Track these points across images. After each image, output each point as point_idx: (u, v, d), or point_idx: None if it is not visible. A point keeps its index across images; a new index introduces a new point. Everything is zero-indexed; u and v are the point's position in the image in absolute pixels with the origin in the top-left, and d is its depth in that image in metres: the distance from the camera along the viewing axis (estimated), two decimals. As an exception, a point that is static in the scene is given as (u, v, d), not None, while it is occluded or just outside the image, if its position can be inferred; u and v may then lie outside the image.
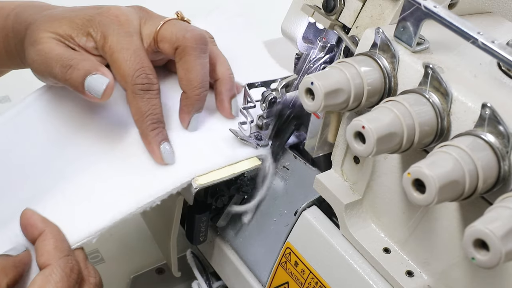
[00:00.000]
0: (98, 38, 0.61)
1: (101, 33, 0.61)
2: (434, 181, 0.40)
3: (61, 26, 0.62)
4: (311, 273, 0.59)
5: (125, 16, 0.63)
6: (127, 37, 0.61)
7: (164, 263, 0.79)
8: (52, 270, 0.52)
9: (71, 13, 0.63)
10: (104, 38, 0.61)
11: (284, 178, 0.66)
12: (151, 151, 0.62)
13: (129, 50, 0.61)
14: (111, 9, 0.63)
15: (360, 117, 0.44)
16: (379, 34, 0.50)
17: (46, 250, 0.54)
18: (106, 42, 0.61)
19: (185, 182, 0.62)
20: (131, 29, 0.62)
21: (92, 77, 0.59)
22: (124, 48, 0.61)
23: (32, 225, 0.56)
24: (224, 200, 0.68)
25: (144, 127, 0.62)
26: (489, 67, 0.49)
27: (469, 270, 0.48)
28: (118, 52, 0.60)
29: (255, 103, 0.65)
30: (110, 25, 0.61)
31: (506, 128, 0.42)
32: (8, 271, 0.53)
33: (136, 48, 0.61)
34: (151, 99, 0.61)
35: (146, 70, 0.61)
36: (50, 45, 0.61)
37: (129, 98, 0.61)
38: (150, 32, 0.63)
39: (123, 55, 0.60)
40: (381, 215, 0.55)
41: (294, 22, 0.64)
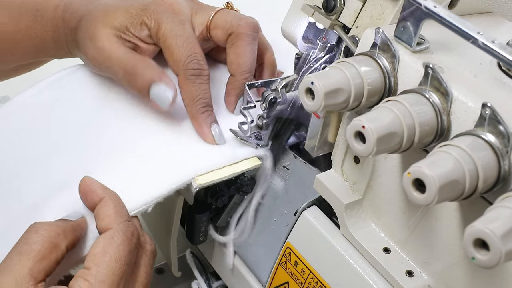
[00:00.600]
0: (152, 25, 0.64)
1: (155, 21, 0.64)
2: (434, 181, 0.40)
3: (117, 18, 0.64)
4: (311, 273, 0.59)
5: (178, 5, 0.66)
6: (180, 25, 0.64)
7: (164, 263, 0.79)
8: (114, 233, 0.54)
9: (125, 3, 0.66)
10: (158, 25, 0.64)
11: (284, 178, 0.66)
12: (201, 133, 0.65)
13: (182, 36, 0.63)
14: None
15: (360, 116, 0.44)
16: (379, 34, 0.50)
17: (107, 215, 0.55)
18: (160, 29, 0.64)
19: (185, 182, 0.62)
20: (184, 17, 0.65)
21: (158, 87, 0.63)
22: (178, 34, 0.63)
23: (93, 191, 0.57)
24: (224, 200, 0.68)
25: (194, 110, 0.64)
26: (489, 67, 0.49)
27: (469, 270, 0.48)
28: (171, 38, 0.63)
29: (255, 103, 0.65)
30: (164, 13, 0.64)
31: (506, 127, 0.42)
32: (68, 234, 0.54)
33: (188, 35, 0.64)
34: (202, 84, 0.64)
35: (198, 56, 0.63)
36: (110, 45, 0.64)
37: (181, 82, 0.64)
38: (202, 21, 0.67)
39: (176, 41, 0.63)
40: (381, 215, 0.55)
41: (294, 22, 0.64)
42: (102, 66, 0.65)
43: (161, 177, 0.62)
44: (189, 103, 0.64)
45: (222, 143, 0.65)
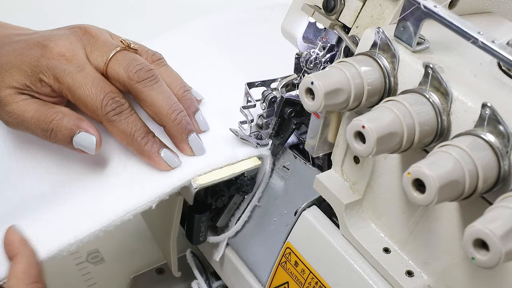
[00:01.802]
0: (52, 82, 0.61)
1: (53, 77, 0.61)
2: (434, 181, 0.40)
3: (13, 77, 0.61)
4: (311, 273, 0.59)
5: (70, 51, 0.61)
6: (80, 72, 0.61)
7: (164, 263, 0.79)
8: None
9: (16, 59, 0.61)
10: (58, 81, 0.61)
11: (284, 178, 0.66)
12: (154, 164, 0.62)
13: (87, 84, 0.60)
14: (53, 49, 0.61)
15: (360, 116, 0.44)
16: (379, 34, 0.50)
17: (14, 275, 0.54)
18: (62, 84, 0.60)
19: (185, 182, 0.62)
20: (80, 62, 0.61)
21: (79, 136, 0.60)
22: (82, 84, 0.60)
23: (10, 245, 0.56)
24: (224, 200, 0.68)
25: (136, 146, 0.62)
26: (489, 67, 0.49)
27: (469, 270, 0.48)
28: (77, 90, 0.60)
29: (255, 103, 0.65)
30: (58, 67, 0.61)
31: (506, 127, 0.42)
32: None
33: (92, 79, 0.61)
34: (128, 118, 0.61)
35: (111, 95, 0.61)
36: (18, 106, 0.61)
37: (108, 128, 0.61)
38: (98, 64, 0.63)
39: (83, 91, 0.60)
40: (381, 215, 0.55)
41: (294, 22, 0.64)
42: (18, 128, 0.62)
43: (161, 177, 0.62)
44: (128, 142, 0.62)
45: (178, 165, 0.62)
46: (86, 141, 0.60)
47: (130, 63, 0.62)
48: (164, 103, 0.62)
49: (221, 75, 0.75)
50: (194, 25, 0.83)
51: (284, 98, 0.63)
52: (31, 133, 0.62)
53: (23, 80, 0.61)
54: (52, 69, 0.60)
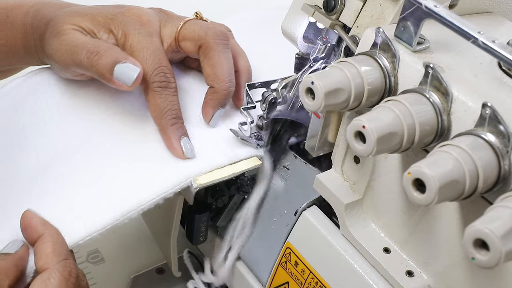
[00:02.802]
0: (119, 36, 0.63)
1: (123, 32, 0.63)
2: (434, 180, 0.40)
3: (84, 21, 0.64)
4: (311, 273, 0.59)
5: (147, 16, 0.65)
6: (148, 37, 0.63)
7: (164, 263, 0.79)
8: (50, 273, 0.52)
9: (93, 10, 0.65)
10: (125, 36, 0.63)
11: (284, 178, 0.66)
12: (170, 147, 0.63)
13: (149, 49, 0.63)
14: (133, 9, 0.65)
15: (361, 116, 0.44)
16: (380, 34, 0.50)
17: (44, 254, 0.54)
18: (127, 40, 0.63)
19: (186, 182, 0.62)
20: (152, 29, 0.64)
21: (123, 65, 0.61)
22: (145, 47, 0.62)
23: (32, 227, 0.56)
24: (224, 200, 0.68)
25: (163, 123, 0.63)
26: (489, 67, 0.49)
27: (469, 270, 0.48)
28: (138, 51, 0.62)
29: (255, 104, 0.65)
30: (132, 24, 0.63)
31: (506, 127, 0.42)
32: (9, 271, 0.52)
33: (155, 48, 0.63)
34: (169, 96, 0.63)
35: (164, 69, 0.63)
36: (75, 35, 0.63)
37: (148, 95, 0.63)
38: (170, 32, 0.66)
39: (143, 54, 0.62)
40: (381, 215, 0.55)
41: (294, 22, 0.64)
42: (65, 55, 0.63)
43: (161, 177, 0.62)
44: (157, 115, 0.63)
45: (191, 157, 0.63)
46: (130, 69, 0.61)
47: (207, 25, 0.66)
48: (225, 70, 0.65)
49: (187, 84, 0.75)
50: None
51: (270, 119, 0.64)
52: (73, 61, 0.62)
53: (91, 26, 0.64)
54: (125, 25, 0.63)
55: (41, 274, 0.53)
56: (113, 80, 0.61)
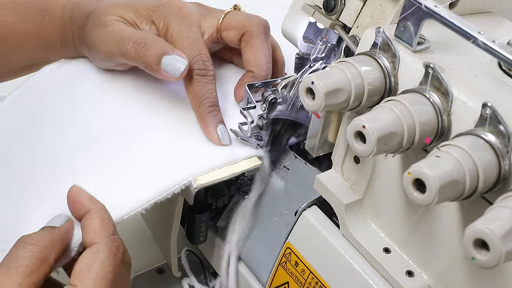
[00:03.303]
0: (161, 27, 0.65)
1: (164, 23, 0.65)
2: (434, 181, 0.40)
3: (126, 12, 0.65)
4: (311, 273, 0.59)
5: (187, 8, 0.67)
6: (188, 27, 0.65)
7: (164, 263, 0.79)
8: (99, 248, 0.53)
9: (135, 2, 0.67)
10: (166, 27, 0.65)
11: (284, 178, 0.66)
12: (207, 133, 0.65)
13: (189, 38, 0.64)
14: (174, 1, 0.67)
15: (361, 116, 0.44)
16: (380, 34, 0.50)
17: (92, 229, 0.54)
18: (168, 30, 0.65)
19: (185, 182, 0.62)
20: (192, 20, 0.66)
21: (170, 57, 0.62)
22: (185, 36, 0.64)
23: (79, 202, 0.57)
24: (224, 200, 0.68)
25: (201, 110, 0.64)
26: (489, 67, 0.49)
27: (469, 270, 0.48)
28: (178, 40, 0.64)
29: (255, 104, 0.65)
30: (173, 16, 0.65)
31: (506, 127, 0.42)
32: (56, 244, 0.53)
33: (195, 37, 0.65)
34: (208, 84, 0.64)
35: (203, 57, 0.64)
36: (119, 26, 0.65)
37: (187, 83, 0.64)
38: (211, 24, 0.68)
39: (183, 42, 0.64)
40: (381, 215, 0.55)
41: (294, 22, 0.64)
42: (110, 45, 0.64)
43: (161, 177, 0.62)
44: (195, 103, 0.65)
45: (227, 144, 0.65)
46: (177, 61, 0.62)
47: (250, 15, 0.69)
48: (266, 57, 0.67)
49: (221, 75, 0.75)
50: None
51: (270, 119, 0.64)
52: (119, 51, 0.64)
53: (134, 18, 0.65)
54: (167, 16, 0.65)
55: (90, 248, 0.53)
56: (160, 71, 0.62)
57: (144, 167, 0.63)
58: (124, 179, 0.62)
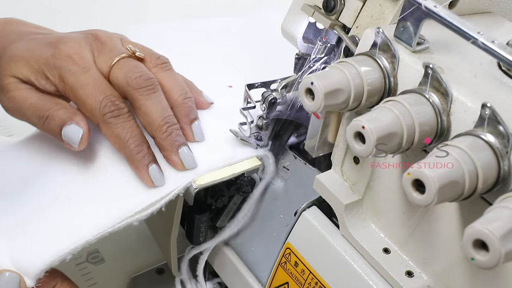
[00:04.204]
0: (57, 81, 0.62)
1: (58, 76, 0.62)
2: (434, 181, 0.40)
3: (19, 69, 0.62)
4: (311, 273, 0.59)
5: (78, 54, 0.63)
6: (84, 74, 0.61)
7: (164, 263, 0.79)
8: None
9: (27, 53, 0.63)
10: (62, 80, 0.61)
11: (284, 178, 0.66)
12: (139, 175, 0.61)
13: (89, 85, 0.61)
14: (64, 50, 0.62)
15: (360, 117, 0.44)
16: (379, 34, 0.50)
17: None
18: (66, 83, 0.61)
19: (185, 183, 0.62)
20: (86, 64, 0.62)
21: (68, 128, 0.60)
22: (84, 84, 0.61)
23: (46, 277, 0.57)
24: (224, 200, 0.68)
25: (128, 153, 0.61)
26: (489, 67, 0.49)
27: (469, 271, 0.48)
28: (78, 90, 0.61)
29: (255, 104, 0.65)
30: (65, 67, 0.61)
31: (506, 128, 0.42)
32: None
33: (95, 81, 0.61)
34: (125, 123, 0.61)
35: (111, 98, 0.61)
36: (20, 92, 0.62)
37: (104, 129, 0.61)
38: (103, 69, 0.63)
39: (84, 91, 0.60)
40: (381, 216, 0.55)
41: (294, 22, 0.64)
42: (18, 115, 0.63)
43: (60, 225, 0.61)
44: (120, 147, 0.61)
45: (160, 185, 0.61)
46: (73, 133, 0.60)
47: (131, 70, 0.62)
48: (157, 115, 0.62)
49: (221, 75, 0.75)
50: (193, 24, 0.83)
51: (270, 119, 0.63)
52: (26, 120, 0.63)
53: (28, 74, 0.62)
54: (58, 68, 0.61)
55: None
56: (64, 142, 0.61)
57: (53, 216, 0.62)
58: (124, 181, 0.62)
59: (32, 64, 0.62)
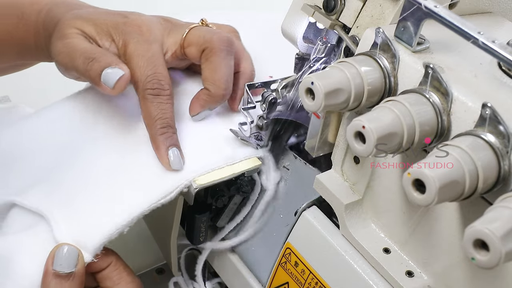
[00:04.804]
0: (120, 45, 0.64)
1: (123, 41, 0.64)
2: (434, 181, 0.40)
3: (86, 27, 0.65)
4: (311, 273, 0.59)
5: (147, 26, 0.66)
6: (145, 45, 0.64)
7: (164, 263, 0.79)
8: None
9: (98, 16, 0.66)
10: (125, 45, 0.64)
11: (284, 178, 0.66)
12: (158, 156, 0.63)
13: (144, 57, 0.63)
14: (135, 20, 0.66)
15: (361, 117, 0.44)
16: (380, 34, 0.50)
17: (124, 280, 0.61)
18: (126, 49, 0.64)
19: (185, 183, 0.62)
20: (152, 37, 0.65)
21: (110, 69, 0.61)
22: (140, 55, 0.63)
23: None
24: (224, 200, 0.68)
25: (153, 131, 0.62)
26: (489, 67, 0.49)
27: (469, 270, 0.48)
28: (133, 59, 0.63)
29: (255, 104, 0.65)
30: (131, 34, 0.64)
31: (506, 128, 0.42)
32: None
33: (151, 55, 0.63)
34: (161, 104, 0.62)
35: (158, 76, 0.62)
36: (77, 40, 0.64)
37: (141, 103, 0.63)
38: (175, 40, 0.66)
39: (137, 61, 0.62)
40: (381, 215, 0.55)
41: (294, 22, 0.64)
42: (66, 59, 0.64)
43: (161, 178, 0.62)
44: (148, 123, 0.63)
45: (178, 168, 0.62)
46: (113, 73, 0.61)
47: (213, 30, 0.66)
48: (224, 76, 0.64)
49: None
50: None
51: (270, 119, 0.64)
52: (71, 65, 0.63)
53: (93, 32, 0.65)
54: (125, 34, 0.64)
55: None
56: (101, 83, 0.61)
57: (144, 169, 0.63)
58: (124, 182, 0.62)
59: (100, 26, 0.65)
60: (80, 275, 0.57)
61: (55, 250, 0.57)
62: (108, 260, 0.60)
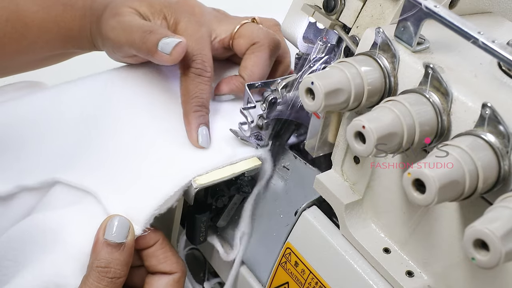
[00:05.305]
0: (171, 23, 0.66)
1: (174, 19, 0.66)
2: (434, 181, 0.40)
3: (141, 6, 0.67)
4: (311, 273, 0.59)
5: (200, 8, 0.68)
6: (196, 26, 0.66)
7: (164, 263, 0.79)
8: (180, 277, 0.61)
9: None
10: (176, 23, 0.66)
11: (284, 178, 0.66)
12: (188, 131, 0.64)
13: (193, 36, 0.65)
14: (188, 1, 0.69)
15: (361, 117, 0.44)
16: (380, 34, 0.50)
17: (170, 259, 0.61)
18: (177, 26, 0.66)
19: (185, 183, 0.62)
20: (202, 20, 0.67)
21: (167, 39, 0.62)
22: (189, 34, 0.65)
23: None
24: (224, 200, 0.68)
25: (188, 108, 0.64)
26: (489, 67, 0.49)
27: (469, 270, 0.48)
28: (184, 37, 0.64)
29: (255, 104, 0.65)
30: (183, 13, 0.67)
31: (506, 128, 0.42)
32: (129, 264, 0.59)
33: (200, 36, 0.65)
34: (201, 84, 0.64)
35: (203, 57, 0.65)
36: (132, 16, 0.66)
37: (182, 79, 0.65)
38: (226, 29, 0.69)
39: (187, 39, 0.64)
40: (381, 215, 0.55)
41: (294, 22, 0.64)
42: (120, 34, 0.65)
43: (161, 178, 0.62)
44: (184, 99, 0.65)
45: (205, 147, 0.64)
46: (171, 41, 0.62)
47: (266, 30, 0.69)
48: (262, 72, 0.67)
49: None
50: None
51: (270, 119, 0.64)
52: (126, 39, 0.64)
53: (147, 12, 0.67)
54: (178, 13, 0.66)
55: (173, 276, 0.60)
56: (157, 52, 0.62)
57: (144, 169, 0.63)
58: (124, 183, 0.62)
59: (154, 5, 0.67)
60: (130, 246, 0.58)
61: (107, 220, 0.58)
62: (155, 237, 0.61)
